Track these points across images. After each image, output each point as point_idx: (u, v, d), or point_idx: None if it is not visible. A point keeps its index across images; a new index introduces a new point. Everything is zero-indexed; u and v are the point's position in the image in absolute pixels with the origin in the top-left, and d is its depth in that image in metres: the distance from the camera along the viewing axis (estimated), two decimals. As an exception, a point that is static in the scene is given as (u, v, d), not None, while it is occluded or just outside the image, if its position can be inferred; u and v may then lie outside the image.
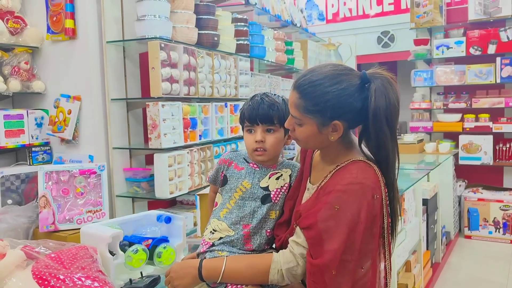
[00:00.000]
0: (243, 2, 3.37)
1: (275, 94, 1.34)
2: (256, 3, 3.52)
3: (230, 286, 1.20)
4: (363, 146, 1.23)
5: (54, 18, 2.54)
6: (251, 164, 1.32)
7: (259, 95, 1.33)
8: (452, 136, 4.84)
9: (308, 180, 1.28)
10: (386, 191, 1.15)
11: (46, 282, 0.90)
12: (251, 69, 3.59)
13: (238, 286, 1.19)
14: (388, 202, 1.15)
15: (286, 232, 1.25)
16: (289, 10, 4.40)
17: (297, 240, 1.15)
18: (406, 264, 2.89)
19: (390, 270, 1.18)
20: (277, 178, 1.32)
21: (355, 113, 1.14)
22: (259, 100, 1.30)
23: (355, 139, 1.25)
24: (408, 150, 4.50)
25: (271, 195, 1.30)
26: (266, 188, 1.30)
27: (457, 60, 4.75)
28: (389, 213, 1.16)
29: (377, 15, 5.55)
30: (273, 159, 1.34)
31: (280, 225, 1.30)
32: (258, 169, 1.31)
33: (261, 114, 1.27)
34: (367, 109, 1.12)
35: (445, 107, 4.80)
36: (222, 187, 1.35)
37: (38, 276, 0.91)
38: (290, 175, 1.35)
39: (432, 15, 4.73)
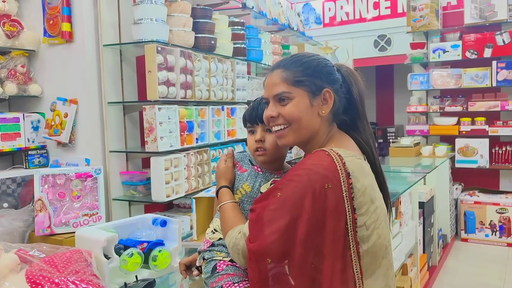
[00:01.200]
0: (240, 6, 3.38)
1: None
2: (253, 7, 3.53)
3: (225, 286, 1.19)
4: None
5: (51, 22, 2.54)
6: (255, 167, 1.31)
7: (260, 97, 1.32)
8: (449, 140, 4.86)
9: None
10: (350, 182, 1.00)
11: (39, 286, 0.90)
12: (248, 73, 3.60)
13: (234, 285, 1.18)
14: (352, 195, 1.00)
15: None
16: (286, 14, 4.41)
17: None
18: (402, 267, 2.89)
19: (361, 276, 1.01)
20: None
21: (339, 86, 1.15)
22: (259, 101, 1.30)
23: (342, 137, 1.17)
24: (405, 153, 4.51)
25: None
26: None
27: (453, 64, 4.77)
28: (354, 209, 1.00)
29: (374, 19, 5.58)
30: (277, 163, 1.31)
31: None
32: (261, 173, 1.29)
33: (260, 114, 1.26)
34: (346, 94, 1.15)
35: (441, 111, 4.82)
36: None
37: (32, 280, 0.91)
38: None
39: (428, 19, 4.76)
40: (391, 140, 5.80)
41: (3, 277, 0.95)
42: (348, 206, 0.99)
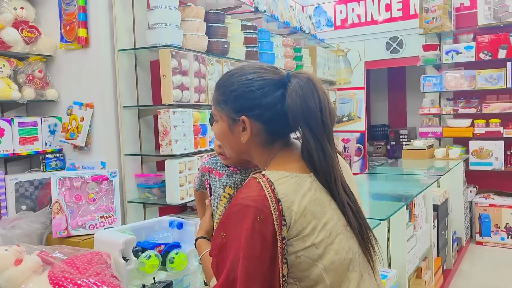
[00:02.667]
0: (252, 10, 3.40)
1: None
2: (265, 11, 3.56)
3: None
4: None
5: (68, 27, 2.59)
6: (231, 168, 1.26)
7: None
8: (462, 142, 4.81)
9: None
10: (280, 209, 0.93)
11: (62, 287, 0.92)
12: (260, 76, 3.61)
13: None
14: (282, 224, 0.93)
15: None
16: (298, 17, 4.43)
17: None
18: (417, 271, 2.88)
19: None
20: None
21: (267, 111, 1.01)
22: None
23: (287, 151, 1.08)
24: (418, 155, 4.48)
25: None
26: None
27: (467, 65, 4.73)
28: (283, 238, 0.93)
29: (386, 21, 5.55)
30: (248, 160, 1.23)
31: None
32: (238, 171, 1.25)
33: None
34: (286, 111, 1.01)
35: (455, 113, 4.77)
36: (211, 197, 1.31)
37: (55, 282, 0.93)
38: None
39: (441, 20, 4.73)
40: (403, 142, 5.76)
41: (26, 278, 0.97)
42: (279, 236, 0.92)
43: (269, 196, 0.94)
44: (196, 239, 1.24)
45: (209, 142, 2.77)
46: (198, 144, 2.65)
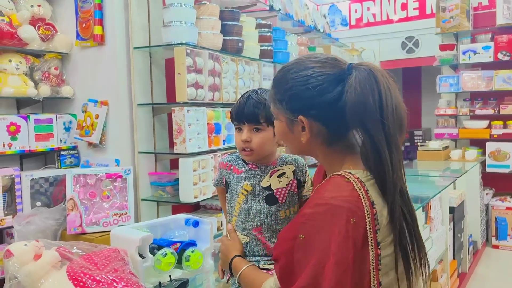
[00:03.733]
0: (267, 8, 3.38)
1: (267, 91, 1.23)
2: (280, 9, 3.54)
3: None
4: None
5: (83, 25, 2.60)
6: (250, 165, 1.27)
7: (249, 92, 1.27)
8: (479, 143, 4.73)
9: None
10: (375, 212, 0.86)
11: (81, 283, 0.91)
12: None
13: None
14: (376, 226, 0.86)
15: None
16: (313, 16, 4.40)
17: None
18: (432, 274, 2.83)
19: None
20: (280, 176, 1.26)
21: (326, 110, 0.93)
22: (246, 98, 1.24)
23: (354, 149, 1.01)
24: (433, 157, 4.42)
25: (276, 195, 1.25)
26: (268, 188, 1.24)
27: (485, 66, 4.65)
28: (377, 243, 0.86)
29: (401, 20, 5.50)
30: (269, 156, 1.27)
31: None
32: (257, 169, 1.25)
33: (246, 113, 1.21)
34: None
35: (471, 114, 4.70)
36: (227, 194, 1.31)
37: (74, 277, 0.93)
38: (294, 171, 1.27)
39: (458, 20, 4.66)
40: (418, 143, 5.69)
41: (46, 273, 0.97)
42: (371, 240, 0.86)
43: (363, 197, 0.87)
44: (232, 258, 1.21)
45: (223, 140, 2.76)
46: (212, 143, 2.64)
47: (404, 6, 5.46)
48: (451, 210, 3.34)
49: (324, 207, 0.88)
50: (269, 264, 1.24)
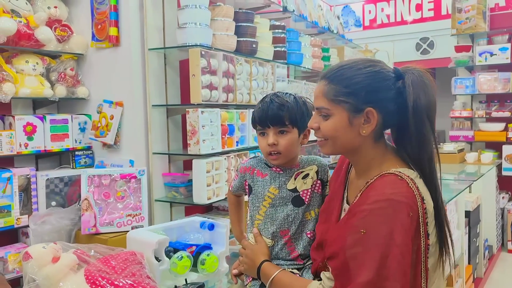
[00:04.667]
0: (281, 9, 3.37)
1: (286, 93, 1.26)
2: (293, 10, 3.52)
3: None
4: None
5: (99, 26, 2.62)
6: (274, 168, 1.27)
7: (269, 96, 1.27)
8: (495, 146, 4.66)
9: (345, 200, 1.15)
10: (425, 207, 0.96)
11: (99, 287, 0.91)
12: (288, 76, 3.58)
13: None
14: (426, 220, 0.96)
15: (321, 257, 1.13)
16: (326, 17, 4.37)
17: (327, 274, 1.05)
18: (447, 279, 2.79)
19: None
20: (304, 177, 1.27)
21: (390, 103, 1.02)
22: (268, 102, 1.23)
23: (392, 147, 1.11)
24: (448, 159, 4.36)
25: (303, 197, 1.25)
26: (294, 190, 1.25)
27: (501, 67, 4.58)
28: (428, 234, 0.97)
29: (416, 21, 5.44)
30: (293, 159, 1.28)
31: (315, 248, 1.18)
32: (282, 172, 1.26)
33: (271, 116, 1.21)
34: (402, 105, 1.01)
35: (487, 116, 4.63)
36: (248, 197, 1.31)
37: (91, 281, 0.93)
38: (317, 172, 1.28)
39: (474, 21, 4.59)
40: (432, 145, 5.63)
41: (64, 276, 0.97)
42: (422, 232, 0.96)
43: (416, 194, 0.96)
44: (261, 264, 1.21)
45: (236, 142, 2.75)
46: (225, 144, 2.64)
47: (419, 7, 5.41)
48: (467, 214, 3.29)
49: (386, 202, 0.95)
50: (293, 268, 1.24)
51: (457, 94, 4.85)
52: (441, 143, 4.71)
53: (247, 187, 1.31)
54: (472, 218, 3.37)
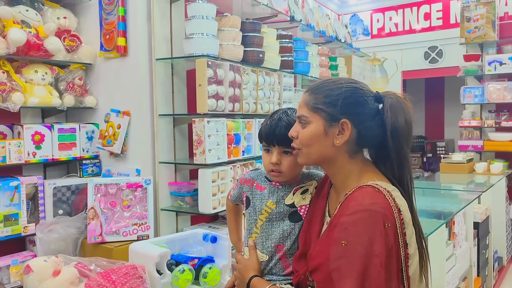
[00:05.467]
0: (288, 19, 3.38)
1: (295, 111, 1.24)
2: (301, 20, 3.53)
3: None
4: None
5: (107, 36, 2.64)
6: (273, 183, 1.27)
7: (279, 112, 1.27)
8: (505, 156, 4.61)
9: (327, 212, 1.18)
10: (402, 217, 1.01)
11: (99, 302, 0.92)
12: (295, 85, 3.59)
13: None
14: (404, 230, 1.01)
15: (303, 268, 1.15)
16: (334, 26, 4.38)
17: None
18: (455, 291, 2.75)
19: None
20: (303, 193, 1.26)
21: (367, 119, 1.07)
22: (276, 120, 1.24)
23: (370, 162, 1.15)
24: (457, 169, 4.32)
25: (300, 212, 1.24)
26: (292, 205, 1.24)
27: (511, 77, 4.54)
28: (407, 244, 1.01)
29: (424, 30, 5.42)
30: (295, 177, 1.27)
31: (298, 259, 1.20)
32: (281, 187, 1.26)
33: (277, 135, 1.21)
34: (380, 126, 1.08)
35: (497, 126, 4.58)
36: (246, 210, 1.30)
37: (91, 295, 0.94)
38: (316, 187, 1.28)
39: (484, 30, 4.57)
40: (441, 155, 5.58)
41: (63, 290, 0.98)
42: (401, 241, 1.00)
43: (393, 205, 1.01)
44: (251, 279, 1.21)
45: (242, 151, 2.76)
46: (231, 154, 2.64)
47: (427, 16, 5.39)
48: (476, 225, 3.25)
49: (365, 213, 0.98)
50: (286, 284, 1.22)
51: (466, 103, 4.81)
52: (449, 153, 4.66)
53: (244, 198, 1.30)
54: (481, 229, 3.33)
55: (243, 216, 1.37)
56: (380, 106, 1.09)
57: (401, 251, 1.00)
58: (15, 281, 2.24)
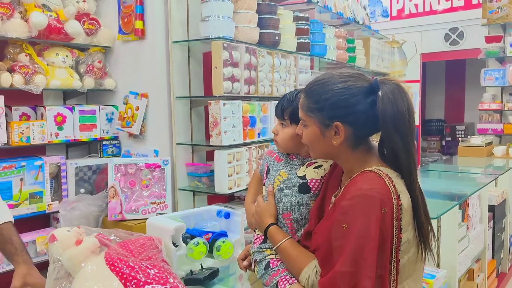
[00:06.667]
0: (305, 1, 3.37)
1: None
2: (318, 1, 3.50)
3: (281, 281, 1.21)
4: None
5: (125, 20, 2.70)
6: (291, 156, 1.35)
7: (289, 92, 1.37)
8: (525, 140, 4.53)
9: (334, 194, 1.22)
10: (400, 203, 1.04)
11: (117, 268, 0.98)
12: (311, 67, 3.58)
13: (291, 279, 1.20)
14: (400, 215, 1.05)
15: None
16: (352, 7, 4.33)
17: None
18: (468, 273, 2.77)
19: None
20: (316, 168, 1.31)
21: (360, 117, 1.08)
22: (283, 96, 1.35)
23: (375, 150, 1.17)
24: (475, 153, 4.28)
25: (309, 185, 1.30)
26: (303, 177, 1.30)
27: (534, 59, 4.43)
28: (401, 229, 1.05)
29: (445, 11, 5.31)
30: (306, 150, 1.31)
31: (307, 235, 1.25)
32: (295, 159, 1.34)
33: (277, 108, 1.34)
34: (376, 116, 1.08)
35: (518, 109, 4.50)
36: (266, 179, 1.39)
37: (111, 263, 1.00)
38: (331, 165, 1.32)
39: (506, 10, 4.45)
40: (460, 138, 5.52)
41: (85, 258, 1.05)
42: (395, 226, 1.04)
43: (392, 191, 1.04)
44: (268, 226, 1.28)
45: (258, 133, 2.80)
46: (246, 136, 2.68)
47: (448, -4, 5.27)
48: (492, 208, 3.23)
49: (363, 198, 1.02)
50: None
51: (486, 86, 4.73)
52: (468, 136, 4.61)
53: (266, 169, 1.39)
54: (497, 212, 3.31)
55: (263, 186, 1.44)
56: (379, 95, 1.08)
57: (394, 235, 1.04)
58: (41, 249, 2.36)
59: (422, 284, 1.18)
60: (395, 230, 1.03)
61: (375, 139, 1.19)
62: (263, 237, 1.32)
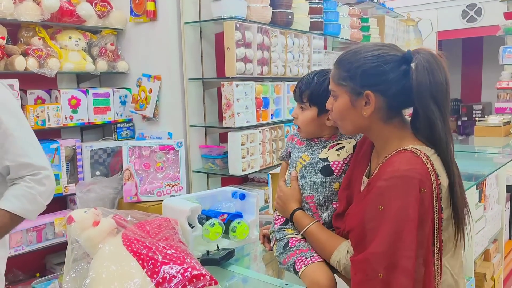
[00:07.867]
0: (318, -21, 3.30)
1: (322, 74, 1.30)
2: (331, -21, 3.43)
3: (298, 261, 1.21)
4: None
5: (137, 1, 2.67)
6: (312, 139, 1.34)
7: (311, 72, 1.35)
8: (545, 119, 4.43)
9: (365, 173, 1.20)
10: (439, 183, 1.01)
11: (135, 249, 0.99)
12: (325, 47, 3.53)
13: (307, 260, 1.20)
14: (440, 195, 1.02)
15: (343, 225, 1.19)
16: (366, -15, 4.23)
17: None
18: (485, 253, 2.75)
19: (440, 271, 1.05)
20: (338, 149, 1.30)
21: (392, 86, 1.05)
22: (301, 79, 1.33)
23: (408, 126, 1.14)
24: (492, 132, 4.19)
25: (332, 167, 1.28)
26: (325, 160, 1.29)
27: (555, 35, 4.30)
28: (441, 208, 1.02)
29: (463, -14, 5.17)
30: (329, 131, 1.32)
31: (338, 216, 1.23)
32: (317, 142, 1.32)
33: (296, 92, 1.32)
34: (410, 87, 1.04)
35: (537, 87, 4.39)
36: (289, 164, 1.38)
37: (128, 243, 1.01)
38: (354, 146, 1.31)
39: (527, -15, 4.31)
40: (477, 118, 5.43)
41: (103, 239, 1.06)
42: (436, 206, 1.01)
43: (430, 171, 1.01)
44: (294, 211, 1.27)
45: (271, 115, 2.78)
46: (260, 117, 2.67)
47: (466, -29, 5.12)
48: (509, 189, 3.19)
49: (400, 179, 0.99)
50: None
51: (505, 64, 4.61)
52: (485, 116, 4.52)
53: (288, 154, 1.38)
54: (515, 193, 3.26)
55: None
56: (413, 65, 1.05)
57: (435, 215, 1.01)
58: (59, 231, 2.40)
59: (462, 261, 1.16)
60: (435, 210, 1.01)
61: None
62: (284, 218, 1.32)
